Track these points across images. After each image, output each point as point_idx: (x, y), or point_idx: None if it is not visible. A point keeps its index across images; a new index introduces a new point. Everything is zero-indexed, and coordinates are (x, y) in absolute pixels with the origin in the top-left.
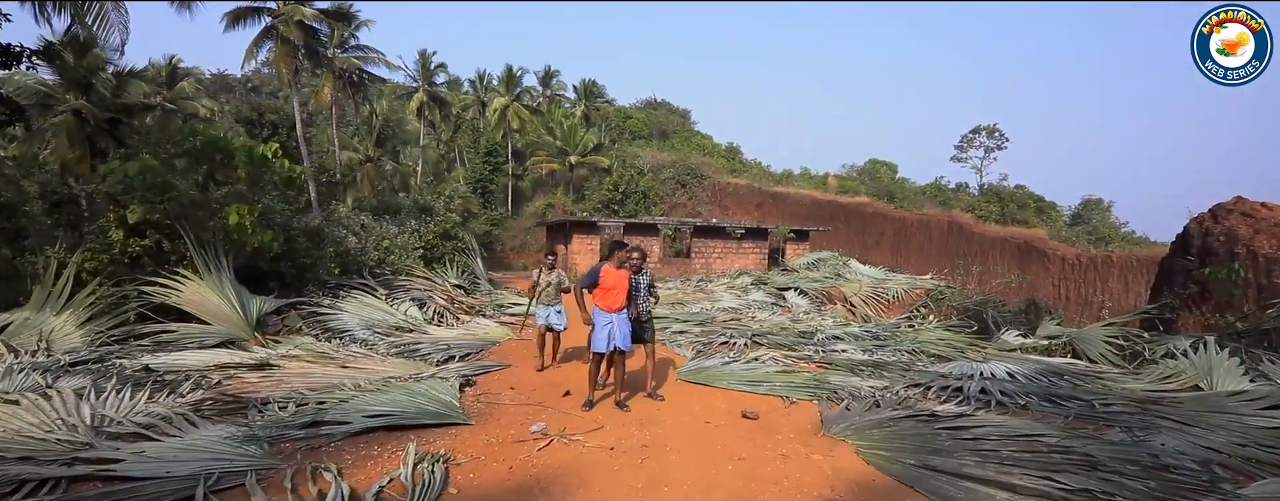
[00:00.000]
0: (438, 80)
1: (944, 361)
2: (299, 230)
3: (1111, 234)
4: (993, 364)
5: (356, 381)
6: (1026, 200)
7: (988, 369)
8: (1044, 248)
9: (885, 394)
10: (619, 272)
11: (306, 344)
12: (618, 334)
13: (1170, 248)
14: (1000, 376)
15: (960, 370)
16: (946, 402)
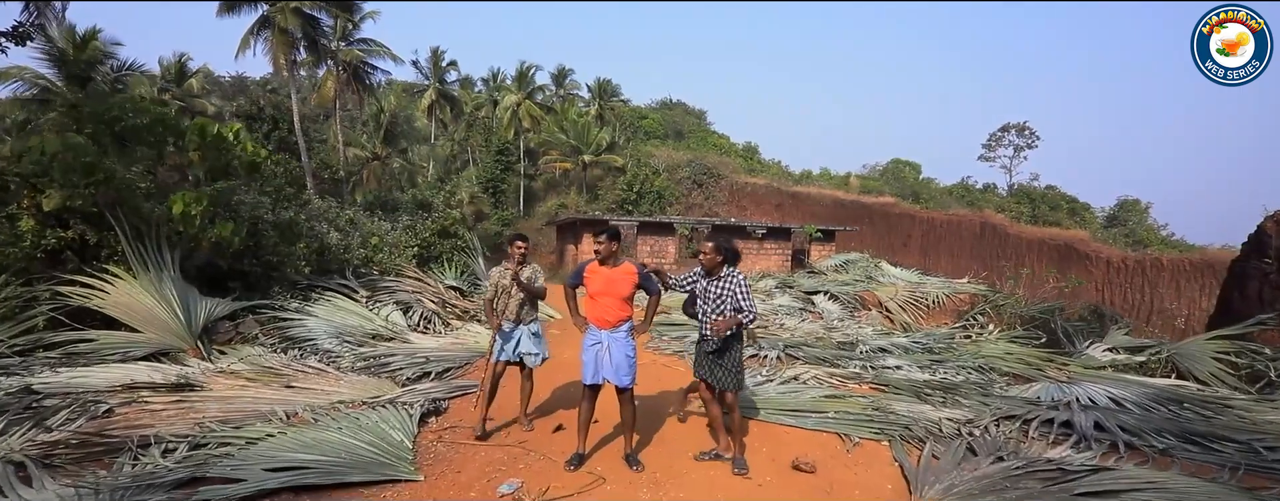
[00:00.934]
0: (449, 78)
1: (1021, 382)
2: (269, 223)
3: (1150, 236)
4: (1085, 386)
5: (294, 409)
6: (1058, 201)
7: (1082, 393)
8: (1086, 250)
9: (973, 431)
10: (610, 271)
11: (252, 356)
12: (607, 361)
13: (1242, 250)
14: (1103, 404)
15: (1048, 394)
16: (1058, 444)
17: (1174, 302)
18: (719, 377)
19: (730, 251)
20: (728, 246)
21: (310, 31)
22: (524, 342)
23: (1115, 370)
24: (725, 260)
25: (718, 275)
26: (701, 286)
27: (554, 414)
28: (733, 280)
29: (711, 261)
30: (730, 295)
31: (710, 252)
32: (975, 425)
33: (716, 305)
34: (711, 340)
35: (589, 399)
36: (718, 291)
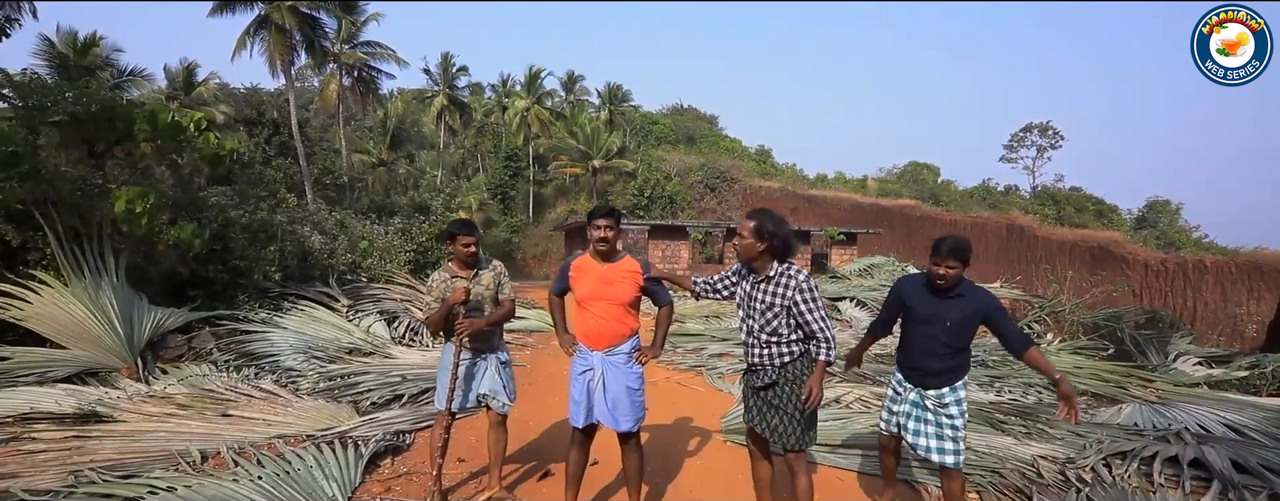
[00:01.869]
0: (459, 84)
1: (1104, 403)
2: (239, 225)
3: (1182, 238)
4: (1186, 409)
5: (220, 446)
6: (1084, 202)
7: (1187, 418)
8: (1122, 252)
9: (1082, 475)
10: (606, 269)
11: (194, 377)
12: (602, 395)
13: None
14: (1219, 433)
15: (1145, 419)
16: (1198, 494)
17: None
18: (774, 427)
19: (779, 239)
20: (775, 230)
21: (310, 33)
22: (488, 380)
23: (1211, 387)
24: (773, 251)
25: (764, 274)
26: (743, 291)
27: (541, 451)
28: (789, 283)
29: (751, 251)
30: (784, 306)
31: (749, 236)
32: (1080, 466)
33: (764, 321)
34: (762, 370)
35: (580, 445)
36: (766, 299)
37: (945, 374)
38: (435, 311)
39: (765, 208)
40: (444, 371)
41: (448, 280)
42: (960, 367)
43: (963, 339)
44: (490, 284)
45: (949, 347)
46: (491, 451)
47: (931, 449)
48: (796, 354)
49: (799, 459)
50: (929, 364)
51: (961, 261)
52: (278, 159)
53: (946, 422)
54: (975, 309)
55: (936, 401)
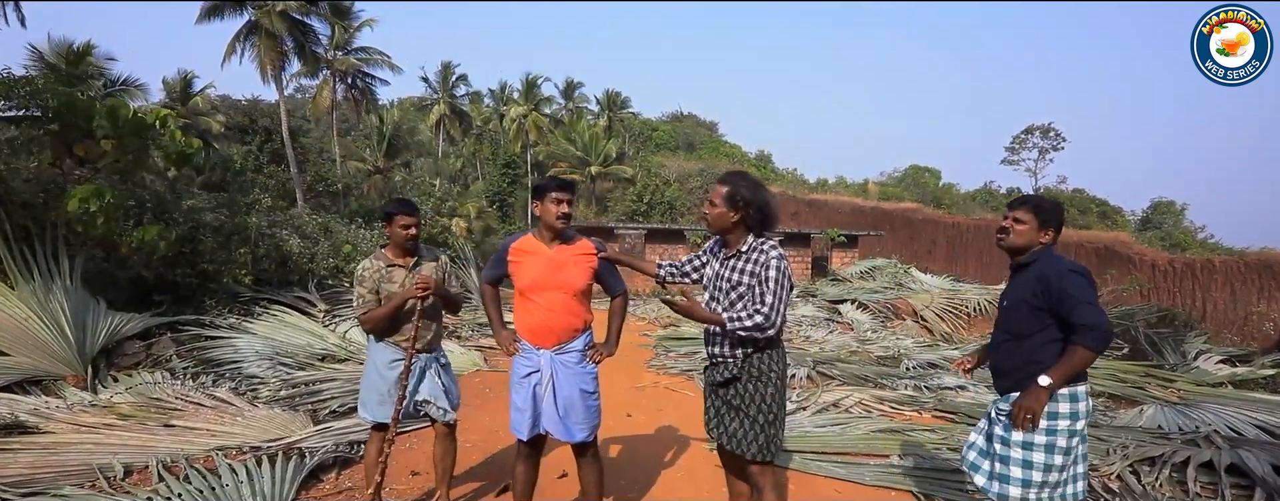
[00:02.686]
0: (458, 92)
1: (1124, 405)
2: (210, 227)
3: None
4: (1212, 410)
5: (151, 459)
6: (1088, 204)
7: (1216, 420)
8: (1128, 252)
9: (1109, 485)
10: (555, 252)
11: (143, 385)
12: (551, 401)
13: None
14: (1253, 436)
15: (1169, 422)
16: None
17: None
18: (733, 432)
19: (755, 207)
20: (751, 197)
21: (301, 38)
22: (427, 385)
23: (1235, 386)
24: (747, 222)
25: (736, 248)
26: (712, 271)
27: (505, 462)
28: (761, 259)
29: (723, 221)
30: (751, 286)
31: (721, 203)
32: (1105, 474)
33: (728, 303)
34: (723, 363)
35: (527, 459)
36: (733, 277)
37: (1011, 373)
38: (381, 306)
39: (741, 171)
40: (375, 377)
41: (383, 269)
42: (1032, 363)
43: (1021, 323)
44: (434, 275)
45: (1007, 336)
46: (438, 466)
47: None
48: (764, 345)
49: (764, 472)
50: (993, 359)
51: (1039, 219)
52: (270, 166)
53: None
54: (1036, 279)
55: (999, 409)
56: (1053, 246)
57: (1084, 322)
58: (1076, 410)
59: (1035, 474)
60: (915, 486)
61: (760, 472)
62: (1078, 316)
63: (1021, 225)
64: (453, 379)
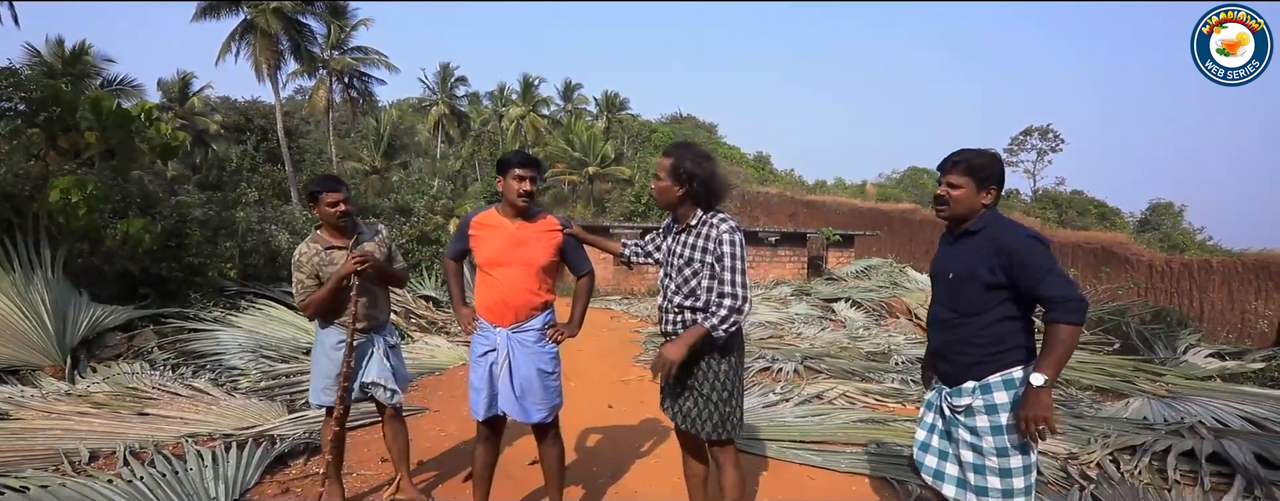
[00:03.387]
0: (458, 93)
1: (1111, 398)
2: (196, 221)
3: (1186, 240)
4: (1200, 403)
5: (120, 445)
6: (1086, 205)
7: (1202, 412)
8: (1126, 253)
9: (1087, 471)
10: (518, 228)
11: (120, 375)
12: (507, 381)
13: None
14: (1237, 426)
15: (1155, 414)
16: (1219, 491)
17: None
18: (686, 411)
19: (699, 181)
20: (694, 170)
21: (297, 38)
22: (374, 366)
23: (1224, 380)
24: (693, 196)
25: (685, 223)
26: (666, 248)
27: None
28: (711, 233)
29: (669, 196)
30: (705, 262)
31: (665, 177)
32: (1084, 462)
33: (681, 279)
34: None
35: (486, 441)
36: (684, 252)
37: (961, 360)
38: (317, 290)
39: (687, 142)
40: (323, 361)
41: (321, 252)
42: (987, 346)
43: (971, 300)
44: (377, 254)
45: (954, 313)
46: (392, 447)
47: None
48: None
49: (726, 451)
50: (936, 341)
51: (976, 179)
52: (265, 165)
53: (971, 441)
54: (992, 250)
55: (951, 405)
56: (996, 206)
57: (1058, 295)
58: (1019, 396)
59: (1016, 481)
60: (889, 472)
61: (722, 451)
62: (1048, 288)
63: (958, 190)
64: (401, 360)
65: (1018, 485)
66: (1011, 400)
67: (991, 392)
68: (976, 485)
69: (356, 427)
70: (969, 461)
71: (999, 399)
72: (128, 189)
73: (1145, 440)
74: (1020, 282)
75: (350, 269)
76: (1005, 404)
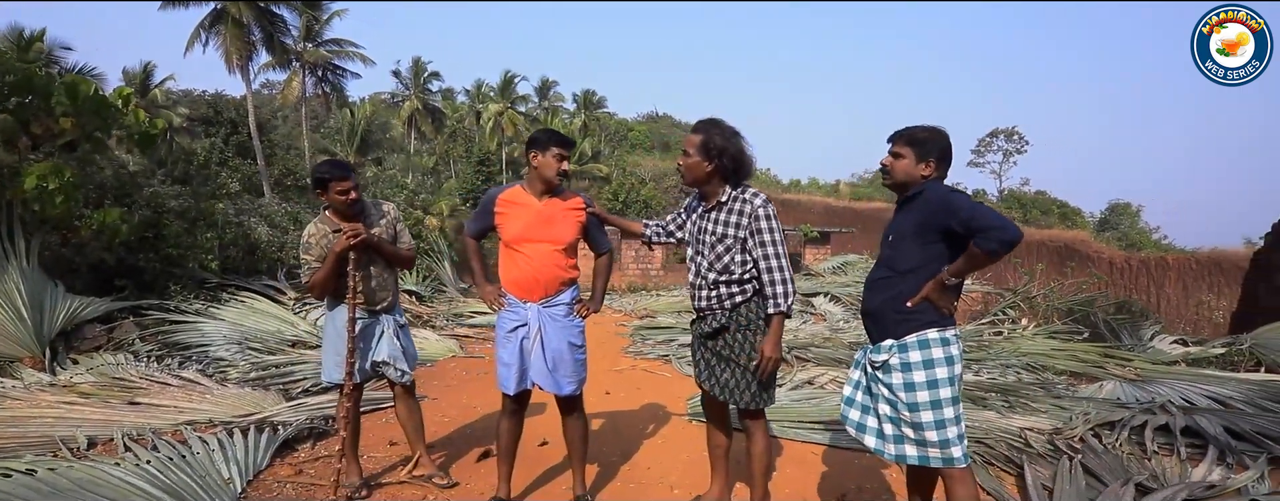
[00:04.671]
0: (432, 88)
1: (1084, 381)
2: (173, 212)
3: (1143, 239)
4: (1170, 385)
5: (115, 433)
6: (1049, 205)
7: (1171, 393)
8: (1087, 250)
9: (1072, 445)
10: (546, 205)
11: (105, 366)
12: (539, 354)
13: (1266, 241)
14: (1204, 405)
15: (1128, 395)
16: (1194, 461)
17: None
18: (725, 382)
19: (729, 156)
20: (725, 145)
21: (269, 28)
22: (384, 345)
23: (1188, 365)
24: (722, 172)
25: (715, 200)
26: (692, 223)
27: (484, 434)
28: (745, 209)
29: (697, 172)
30: (738, 237)
31: (694, 153)
32: (1068, 437)
33: (713, 256)
34: (710, 314)
35: (513, 414)
36: (716, 230)
37: (887, 314)
38: (319, 270)
39: (715, 119)
40: (333, 338)
41: (329, 234)
42: (907, 299)
43: (908, 257)
44: (384, 234)
45: (890, 271)
46: (406, 426)
47: (882, 436)
48: (750, 293)
49: (757, 422)
50: (868, 301)
51: (916, 151)
52: (235, 159)
53: (888, 396)
54: (924, 206)
55: (871, 361)
56: (936, 181)
57: (983, 224)
58: (950, 354)
59: (929, 433)
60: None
61: (754, 423)
62: (978, 221)
63: (900, 159)
64: (411, 340)
65: (930, 437)
66: (923, 359)
67: (908, 351)
68: (893, 435)
69: (364, 413)
70: (886, 414)
71: (912, 357)
72: (102, 177)
73: (1122, 416)
74: (955, 224)
75: (344, 244)
76: (917, 362)
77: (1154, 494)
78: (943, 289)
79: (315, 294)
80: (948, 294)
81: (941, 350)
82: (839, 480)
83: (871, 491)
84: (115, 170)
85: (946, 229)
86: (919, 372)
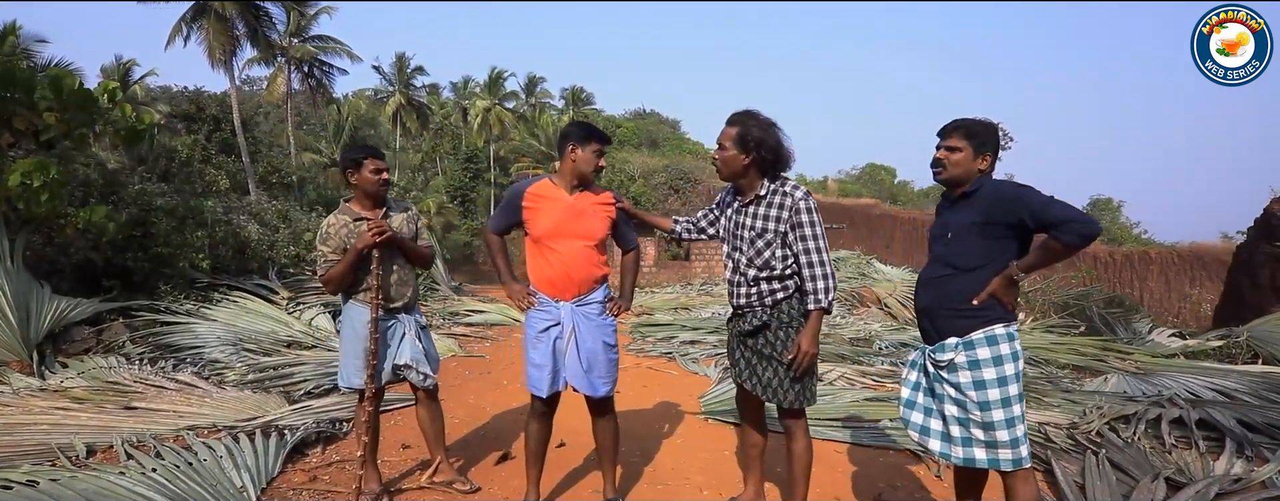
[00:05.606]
0: (416, 84)
1: (1087, 375)
2: (162, 210)
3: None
4: (1172, 377)
5: (117, 439)
6: None
7: (1176, 385)
8: None
9: (1094, 439)
10: (576, 200)
11: (97, 370)
12: (573, 355)
13: (1248, 235)
14: (1209, 397)
15: (1133, 388)
16: (1213, 454)
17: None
18: (767, 381)
19: (767, 148)
20: (763, 137)
21: (254, 23)
22: (407, 347)
23: (1187, 358)
24: (760, 164)
25: (753, 194)
26: (727, 218)
27: (498, 435)
28: (785, 202)
29: (734, 165)
30: (779, 232)
31: (731, 146)
32: (1084, 430)
33: (753, 251)
34: (750, 311)
35: (542, 417)
36: (755, 224)
37: (953, 313)
38: (337, 263)
39: (750, 110)
40: (352, 340)
41: (350, 224)
42: (972, 297)
43: (970, 254)
44: (404, 229)
45: (951, 269)
46: (427, 431)
47: (948, 439)
48: (792, 289)
49: (798, 422)
50: (926, 299)
51: (974, 144)
52: (219, 157)
53: (955, 396)
54: (990, 203)
55: (934, 361)
56: (991, 173)
57: (1061, 217)
58: (1016, 350)
59: (1000, 433)
60: (911, 445)
61: (794, 422)
62: (1054, 215)
63: (957, 153)
64: (432, 341)
65: (1001, 437)
66: (992, 356)
67: (974, 348)
68: (962, 438)
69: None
70: (953, 415)
71: (981, 354)
72: (87, 174)
73: (1136, 410)
74: (1027, 219)
75: (369, 240)
76: (986, 359)
77: (1186, 488)
78: (1010, 284)
79: (331, 288)
80: (1014, 290)
81: (1008, 346)
82: (870, 479)
83: (906, 490)
84: (98, 167)
85: (1015, 224)
86: (989, 370)
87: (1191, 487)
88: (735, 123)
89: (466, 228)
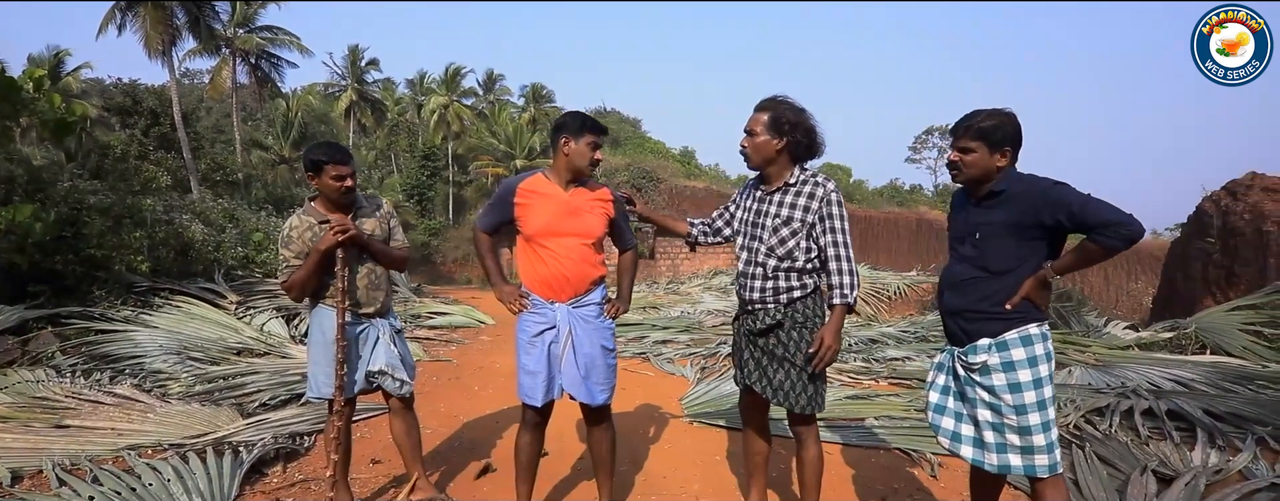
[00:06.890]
0: (369, 78)
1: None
2: (95, 208)
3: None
4: (1131, 369)
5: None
6: None
7: (1135, 376)
8: None
9: (1074, 432)
10: (571, 196)
11: (23, 384)
12: (571, 360)
13: (1182, 231)
14: (1169, 388)
15: (1095, 380)
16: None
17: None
18: (779, 384)
19: (802, 131)
20: (796, 121)
21: (196, 11)
22: (381, 353)
23: (1141, 349)
24: (792, 150)
25: (781, 181)
26: (747, 209)
27: (474, 445)
28: (818, 192)
29: (767, 150)
30: (807, 223)
31: (763, 131)
32: (1063, 424)
33: (776, 240)
34: (763, 309)
35: (534, 428)
36: (782, 212)
37: (982, 315)
38: (300, 267)
39: (780, 95)
40: (322, 345)
41: (313, 227)
42: (1004, 300)
43: (1003, 256)
44: (377, 230)
45: (981, 271)
46: (403, 444)
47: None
48: (810, 288)
49: (809, 428)
50: (954, 300)
51: (988, 142)
52: (158, 153)
53: (989, 400)
54: (1024, 204)
55: (966, 364)
56: (1014, 167)
57: (1106, 219)
58: (1049, 350)
59: (1036, 438)
60: (902, 445)
61: (806, 429)
62: (1095, 216)
63: (971, 154)
64: (407, 347)
65: (1038, 442)
66: (1027, 357)
67: (1008, 349)
68: (996, 443)
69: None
70: (986, 420)
71: (1016, 355)
72: (11, 171)
73: (1108, 403)
74: (1064, 221)
75: (330, 242)
76: (1022, 360)
77: (1177, 481)
78: (1043, 287)
79: (294, 295)
80: (1047, 292)
81: (1042, 346)
82: (868, 482)
83: (906, 491)
84: (23, 163)
85: (1050, 224)
86: (1025, 371)
87: (1181, 480)
88: (766, 108)
89: (424, 227)
